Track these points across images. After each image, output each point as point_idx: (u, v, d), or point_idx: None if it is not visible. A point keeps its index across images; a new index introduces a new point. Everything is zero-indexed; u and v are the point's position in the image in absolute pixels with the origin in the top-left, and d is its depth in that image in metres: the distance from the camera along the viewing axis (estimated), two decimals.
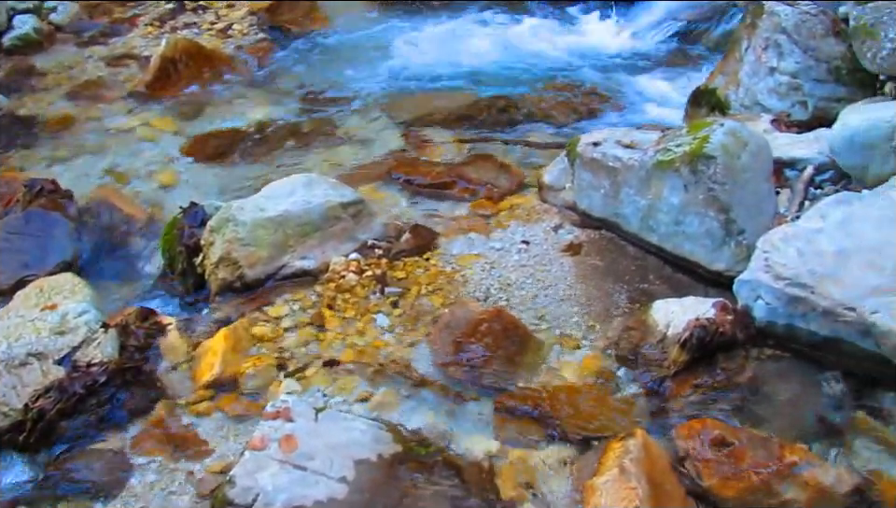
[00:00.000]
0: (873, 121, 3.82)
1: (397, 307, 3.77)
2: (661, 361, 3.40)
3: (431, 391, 3.40)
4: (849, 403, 3.27)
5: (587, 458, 3.10)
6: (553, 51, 6.25)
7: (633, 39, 6.34)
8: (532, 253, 4.04)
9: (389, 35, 6.54)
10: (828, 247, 3.39)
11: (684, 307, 3.50)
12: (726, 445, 3.01)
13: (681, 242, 3.82)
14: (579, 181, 4.16)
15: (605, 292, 3.82)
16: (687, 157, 3.70)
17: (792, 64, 4.49)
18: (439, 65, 6.07)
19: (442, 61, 6.13)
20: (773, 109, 4.56)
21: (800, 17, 4.49)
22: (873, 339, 3.21)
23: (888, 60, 4.09)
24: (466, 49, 6.30)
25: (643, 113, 5.36)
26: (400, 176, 4.67)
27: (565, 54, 6.21)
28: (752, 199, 3.74)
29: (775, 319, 3.39)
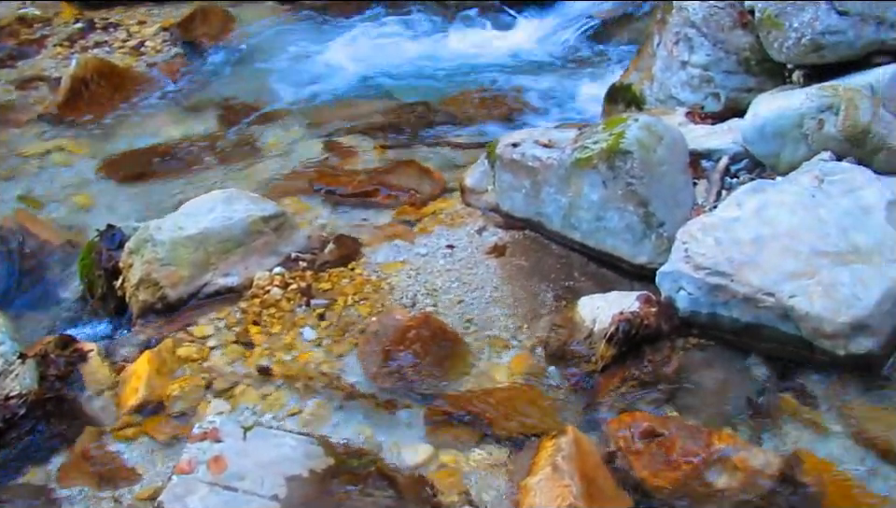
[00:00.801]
0: (782, 110, 3.90)
1: (324, 319, 3.74)
2: (589, 357, 3.43)
3: (362, 402, 3.37)
4: (774, 387, 3.34)
5: (521, 458, 3.10)
6: (470, 55, 6.25)
7: (549, 40, 6.37)
8: (457, 257, 4.04)
9: (307, 45, 6.48)
10: (745, 235, 3.45)
11: (609, 302, 3.54)
12: (656, 436, 3.04)
13: (604, 237, 3.86)
14: (500, 183, 4.18)
15: (531, 292, 3.84)
16: (604, 153, 3.73)
17: (703, 57, 4.56)
18: (357, 73, 6.05)
19: (361, 68, 6.10)
20: (687, 102, 4.62)
21: (708, 10, 4.57)
22: (792, 323, 3.28)
23: (793, 49, 4.17)
24: (384, 55, 6.27)
25: (562, 112, 5.40)
26: (322, 186, 4.63)
27: (482, 57, 6.22)
28: (670, 191, 3.79)
29: (697, 309, 3.44)
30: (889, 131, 3.82)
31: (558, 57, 6.17)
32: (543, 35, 6.46)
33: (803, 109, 3.84)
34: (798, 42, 4.13)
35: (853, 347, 3.22)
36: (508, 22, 6.73)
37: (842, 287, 3.26)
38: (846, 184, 3.65)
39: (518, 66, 6.09)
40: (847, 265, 3.33)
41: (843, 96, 3.83)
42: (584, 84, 5.73)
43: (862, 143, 3.79)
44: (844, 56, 4.13)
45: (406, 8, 6.86)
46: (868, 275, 3.30)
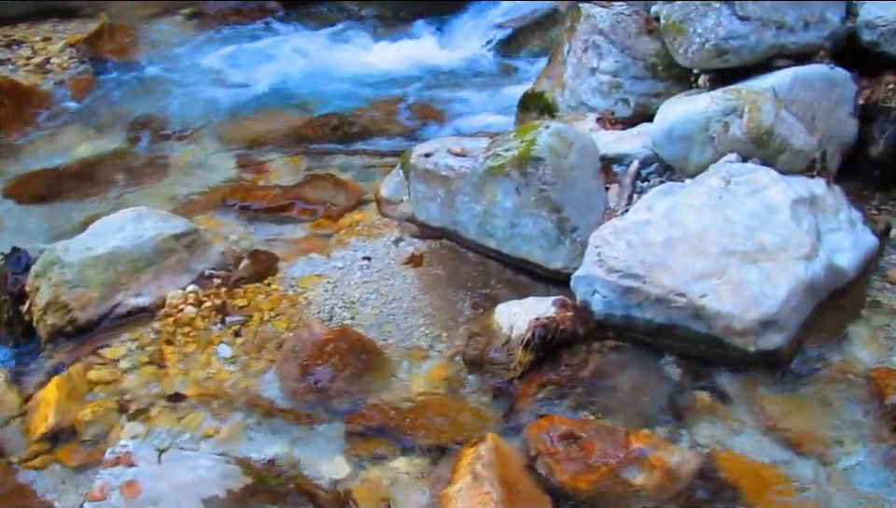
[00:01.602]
0: (688, 114, 3.98)
1: (239, 336, 3.68)
2: (507, 364, 3.43)
3: (281, 419, 3.33)
4: (689, 385, 3.39)
5: (442, 467, 3.09)
6: (384, 66, 6.27)
7: (461, 50, 6.43)
8: (374, 268, 4.03)
9: (217, 60, 6.43)
10: (656, 237, 3.51)
11: (525, 308, 3.55)
12: (575, 440, 3.06)
13: (519, 244, 3.88)
14: (415, 193, 4.17)
15: (449, 301, 3.84)
16: (516, 161, 3.76)
17: (612, 64, 4.63)
18: (269, 86, 6.02)
19: (273, 81, 6.07)
20: (597, 108, 4.69)
21: (615, 17, 4.64)
22: (704, 322, 3.34)
23: (697, 54, 4.26)
24: (296, 68, 6.25)
25: (476, 121, 5.44)
26: (236, 202, 4.57)
27: (395, 69, 6.24)
28: (582, 196, 3.83)
29: (612, 311, 3.48)
30: (791, 132, 3.93)
31: (471, 66, 6.23)
32: (456, 44, 6.51)
33: (708, 113, 3.92)
34: (702, 47, 4.22)
35: (763, 344, 3.29)
36: (420, 33, 6.76)
37: (750, 285, 3.33)
38: (751, 185, 3.73)
39: (431, 76, 6.12)
40: (755, 263, 3.41)
41: (746, 99, 3.92)
42: (497, 92, 5.78)
43: (766, 144, 3.89)
44: (747, 60, 4.24)
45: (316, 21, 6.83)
46: (775, 272, 3.38)
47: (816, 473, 3.05)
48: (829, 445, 3.14)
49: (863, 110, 4.31)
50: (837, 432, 3.18)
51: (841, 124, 4.24)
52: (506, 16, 6.54)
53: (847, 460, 3.09)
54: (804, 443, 3.15)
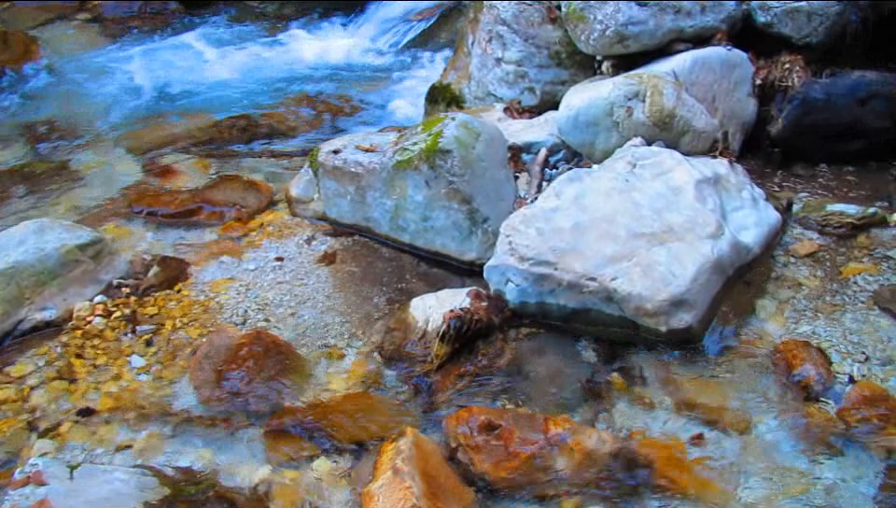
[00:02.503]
0: (592, 100, 4.02)
1: (151, 345, 3.61)
2: (425, 357, 3.43)
3: (197, 426, 3.27)
4: (605, 368, 3.44)
5: (363, 465, 3.07)
6: (290, 65, 6.20)
7: (368, 45, 6.41)
8: (287, 269, 3.98)
9: (119, 64, 6.27)
10: (565, 224, 3.54)
11: (440, 300, 3.56)
12: (494, 429, 3.07)
13: (432, 237, 3.88)
14: (325, 191, 4.14)
15: (364, 297, 3.82)
16: (424, 154, 3.75)
17: (516, 53, 4.66)
18: (173, 90, 5.89)
19: (177, 85, 5.95)
20: (504, 98, 4.72)
21: (517, 7, 4.67)
22: (616, 304, 3.38)
23: (599, 41, 4.31)
24: (200, 70, 6.15)
25: (385, 116, 5.43)
26: (143, 208, 4.46)
27: (302, 67, 6.18)
28: (492, 186, 3.85)
29: (526, 299, 3.51)
30: (693, 114, 4.01)
31: (379, 61, 6.21)
32: (363, 40, 6.48)
33: (612, 98, 3.98)
34: (603, 34, 4.28)
35: (674, 323, 3.35)
36: (327, 29, 6.70)
37: (659, 266, 3.39)
38: (656, 167, 3.79)
39: (339, 72, 6.08)
40: (663, 245, 3.47)
41: (648, 84, 3.98)
42: (406, 87, 5.77)
43: (669, 127, 3.96)
44: (647, 45, 4.31)
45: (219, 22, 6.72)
46: (683, 252, 3.44)
47: (730, 446, 3.11)
48: (742, 418, 3.21)
49: (761, 90, 4.43)
50: (749, 406, 3.26)
51: (741, 104, 4.35)
52: (413, 9, 6.53)
53: (760, 432, 3.16)
54: (717, 418, 3.21)
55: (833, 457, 3.06)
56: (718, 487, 2.98)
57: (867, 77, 4.32)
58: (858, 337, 3.49)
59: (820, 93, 4.31)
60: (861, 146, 4.35)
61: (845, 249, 3.92)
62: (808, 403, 3.23)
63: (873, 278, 3.75)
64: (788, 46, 4.49)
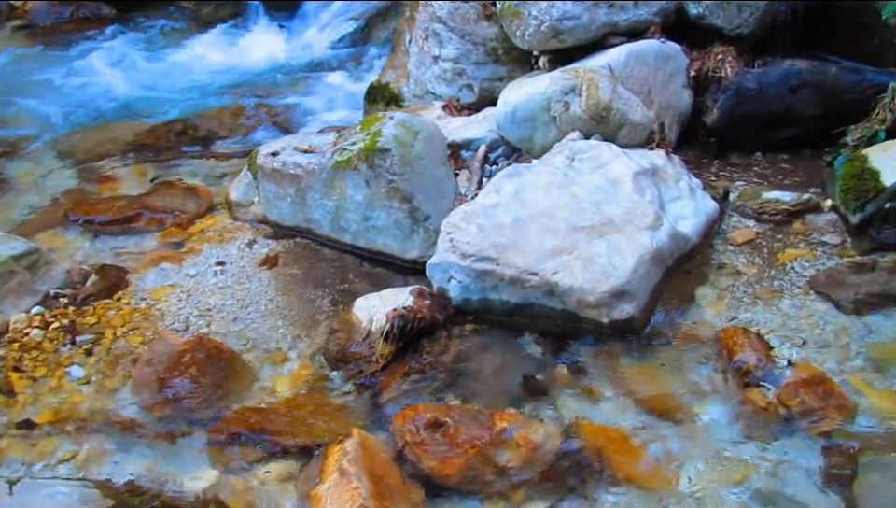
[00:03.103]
0: (529, 95, 4.05)
1: (92, 355, 3.54)
2: (370, 357, 3.42)
3: (141, 436, 3.22)
4: (549, 361, 3.46)
5: (310, 468, 3.04)
6: (227, 68, 6.13)
7: (306, 45, 6.35)
8: (229, 273, 3.95)
9: (52, 71, 6.14)
10: (505, 219, 3.55)
11: (384, 300, 3.55)
12: (440, 426, 3.07)
13: (374, 237, 3.88)
14: (265, 193, 4.11)
15: (307, 299, 3.80)
16: (363, 153, 3.74)
17: (453, 51, 4.67)
18: (108, 96, 5.79)
19: (112, 91, 5.85)
20: (443, 96, 4.73)
21: (453, 5, 4.68)
22: (558, 298, 3.41)
23: (535, 36, 4.34)
24: (135, 75, 6.05)
25: (325, 116, 5.38)
26: (80, 216, 4.38)
27: (239, 69, 6.11)
28: (432, 184, 3.85)
29: (469, 296, 3.52)
30: (629, 106, 4.05)
31: (317, 61, 6.16)
32: (301, 40, 6.44)
33: (548, 93, 4.00)
34: (538, 29, 4.31)
35: (616, 314, 3.38)
36: (264, 31, 6.65)
37: (599, 258, 3.42)
38: (595, 161, 3.83)
39: (277, 74, 6.03)
40: (603, 237, 3.50)
41: (584, 78, 4.02)
42: (345, 86, 5.75)
43: (606, 120, 4.00)
44: (582, 40, 4.36)
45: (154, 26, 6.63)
46: (623, 244, 3.48)
47: (674, 433, 3.15)
48: (685, 406, 3.25)
49: (696, 81, 4.50)
50: (692, 392, 3.30)
51: (676, 96, 4.41)
52: (351, 8, 6.49)
53: (703, 419, 3.21)
54: (661, 406, 3.25)
55: (773, 440, 3.11)
56: (663, 475, 3.01)
57: (797, 66, 4.41)
58: (795, 322, 3.55)
59: (753, 83, 4.39)
60: (794, 133, 4.44)
61: (781, 236, 3.99)
62: (749, 389, 3.28)
63: (809, 263, 3.83)
64: (720, 37, 4.56)
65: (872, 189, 3.81)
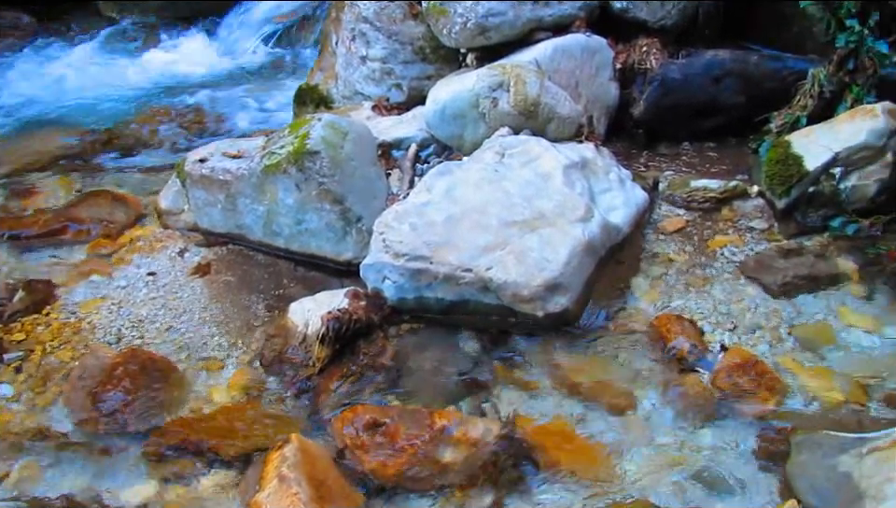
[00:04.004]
0: (457, 93, 4.06)
1: (21, 373, 3.46)
2: (306, 361, 3.40)
3: (75, 452, 3.16)
4: (487, 357, 3.47)
5: (250, 476, 3.01)
6: (153, 75, 6.04)
7: (233, 50, 6.30)
8: (160, 283, 3.89)
9: None
10: (437, 217, 3.55)
11: (319, 303, 3.53)
12: (380, 427, 3.07)
13: (307, 240, 3.85)
14: (194, 201, 4.05)
15: (242, 306, 3.76)
16: (292, 156, 3.72)
17: (380, 51, 4.66)
18: (32, 106, 5.66)
19: (35, 101, 5.72)
20: (372, 96, 4.71)
21: (378, 5, 4.67)
22: (493, 293, 3.42)
23: (461, 34, 4.35)
24: (59, 85, 5.93)
25: (254, 121, 5.34)
26: (4, 231, 4.26)
27: (165, 76, 6.03)
28: (363, 184, 3.84)
29: (404, 295, 3.51)
30: (557, 101, 4.08)
31: (246, 65, 6.11)
32: (228, 45, 6.38)
33: (476, 90, 4.01)
34: (464, 27, 4.32)
35: (550, 307, 3.40)
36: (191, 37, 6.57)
37: (532, 252, 3.44)
38: (525, 155, 3.85)
39: (204, 80, 5.96)
40: (535, 231, 3.52)
41: (511, 74, 4.03)
42: (273, 90, 5.70)
43: (534, 115, 4.02)
44: (508, 36, 4.37)
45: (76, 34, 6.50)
46: (555, 237, 3.50)
47: (612, 422, 3.19)
48: (622, 395, 3.29)
49: (622, 74, 4.54)
50: (629, 381, 3.34)
51: (603, 89, 4.45)
52: (277, 11, 6.44)
53: (641, 406, 3.25)
54: (599, 396, 3.28)
55: (709, 424, 3.16)
56: (603, 464, 3.04)
57: (720, 56, 4.48)
58: (727, 307, 3.61)
59: (678, 74, 4.45)
60: (720, 122, 4.51)
61: (710, 223, 4.06)
62: (684, 374, 3.33)
63: (738, 249, 3.89)
64: (644, 30, 4.62)
65: (795, 174, 3.88)
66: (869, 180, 3.83)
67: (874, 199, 3.85)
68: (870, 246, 3.78)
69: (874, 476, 2.70)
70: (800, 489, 2.81)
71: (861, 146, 3.81)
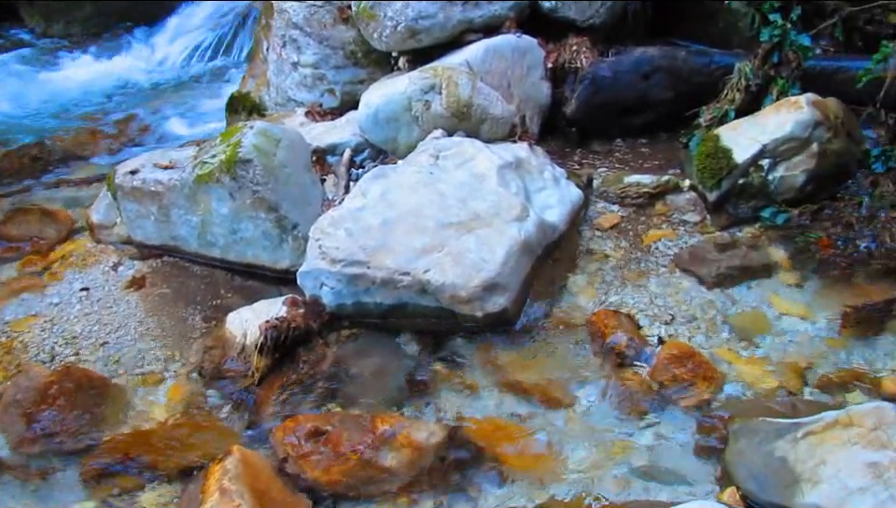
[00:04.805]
0: (390, 96, 4.06)
1: None
2: (245, 371, 3.37)
3: (11, 476, 3.10)
4: (428, 360, 3.47)
5: (191, 490, 2.97)
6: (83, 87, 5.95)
7: (166, 60, 6.23)
8: (95, 298, 3.82)
9: None
10: (373, 221, 3.55)
11: (257, 312, 3.50)
12: (322, 434, 3.05)
13: (243, 249, 3.81)
14: (126, 213, 3.99)
15: (179, 318, 3.71)
16: (224, 165, 3.68)
17: (311, 56, 4.64)
18: None
19: None
20: (305, 102, 4.69)
21: (308, 10, 4.64)
22: (432, 296, 3.42)
23: (392, 37, 4.35)
24: None
25: (188, 130, 5.28)
26: None
27: (95, 87, 5.94)
28: (298, 191, 3.81)
29: (342, 301, 3.50)
30: (490, 102, 4.10)
31: (176, 75, 6.06)
32: (158, 55, 6.30)
33: (408, 93, 4.02)
34: (395, 30, 4.32)
35: (489, 307, 3.42)
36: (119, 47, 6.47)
37: (469, 253, 3.44)
38: (459, 157, 3.86)
39: (136, 90, 5.90)
40: (472, 232, 3.53)
41: (442, 76, 4.05)
42: (206, 99, 5.64)
43: (467, 116, 4.04)
44: (439, 38, 4.38)
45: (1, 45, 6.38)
46: (491, 237, 3.52)
47: (554, 419, 3.21)
48: (563, 391, 3.32)
49: (554, 73, 4.57)
50: (569, 378, 3.37)
51: (535, 88, 4.47)
52: (208, 19, 6.38)
53: (581, 402, 3.28)
54: (540, 394, 3.30)
55: (650, 416, 3.20)
56: (546, 461, 3.07)
57: (649, 53, 4.53)
58: (663, 300, 3.66)
59: (608, 71, 4.49)
60: (650, 118, 4.56)
61: (644, 218, 4.10)
62: (623, 369, 3.37)
63: (672, 243, 3.94)
64: (574, 28, 4.66)
65: (725, 166, 3.95)
66: (796, 171, 3.91)
67: (802, 189, 3.93)
68: (799, 235, 3.85)
69: (808, 460, 2.76)
70: (738, 476, 2.85)
71: (788, 137, 3.88)
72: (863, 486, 2.63)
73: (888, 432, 2.74)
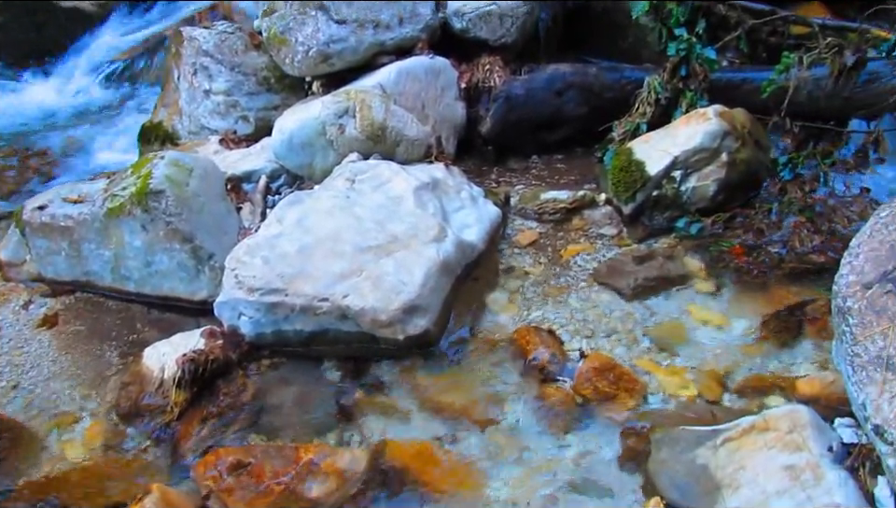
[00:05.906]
0: (303, 121, 4.04)
1: None
2: (164, 407, 3.29)
3: None
4: (351, 385, 3.44)
5: None
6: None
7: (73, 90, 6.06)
8: (4, 339, 3.71)
9: None
10: (290, 248, 3.52)
11: (174, 345, 3.43)
12: (244, 467, 3.00)
13: (159, 282, 3.74)
14: (36, 250, 3.89)
15: (94, 356, 3.62)
16: (135, 197, 3.62)
17: (223, 84, 4.59)
18: None
19: None
20: (219, 130, 4.63)
21: (218, 37, 4.61)
22: (352, 320, 3.40)
23: (304, 62, 4.33)
24: None
25: (98, 163, 5.15)
26: None
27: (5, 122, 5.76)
28: (212, 221, 3.76)
29: (261, 330, 3.45)
30: (404, 123, 4.10)
31: (86, 106, 5.90)
32: (67, 86, 6.14)
33: (322, 118, 4.01)
34: (307, 55, 4.30)
35: (410, 330, 3.40)
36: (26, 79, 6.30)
37: (388, 276, 3.43)
38: (375, 180, 3.85)
39: (43, 123, 5.72)
40: (390, 255, 3.52)
41: (356, 99, 4.04)
42: (117, 129, 5.51)
43: (382, 139, 4.03)
44: (351, 62, 4.38)
45: None
46: (410, 259, 3.51)
47: (479, 439, 3.20)
48: (487, 410, 3.31)
49: (468, 93, 4.61)
50: (493, 396, 3.36)
51: (450, 109, 4.50)
52: (117, 49, 6.26)
53: (506, 420, 3.27)
54: (464, 414, 3.29)
55: (574, 431, 3.21)
56: (472, 481, 3.05)
57: (561, 70, 4.59)
58: (583, 314, 3.69)
59: (521, 89, 4.54)
60: (565, 134, 4.62)
61: (562, 233, 4.14)
62: (546, 384, 3.37)
63: (590, 257, 3.99)
64: (487, 48, 4.70)
65: (639, 179, 4.01)
66: (708, 180, 3.99)
67: (713, 198, 4.01)
68: (713, 244, 3.93)
69: (727, 466, 2.80)
70: (662, 486, 2.88)
71: (698, 148, 3.96)
72: (781, 488, 2.68)
73: (802, 435, 2.80)
